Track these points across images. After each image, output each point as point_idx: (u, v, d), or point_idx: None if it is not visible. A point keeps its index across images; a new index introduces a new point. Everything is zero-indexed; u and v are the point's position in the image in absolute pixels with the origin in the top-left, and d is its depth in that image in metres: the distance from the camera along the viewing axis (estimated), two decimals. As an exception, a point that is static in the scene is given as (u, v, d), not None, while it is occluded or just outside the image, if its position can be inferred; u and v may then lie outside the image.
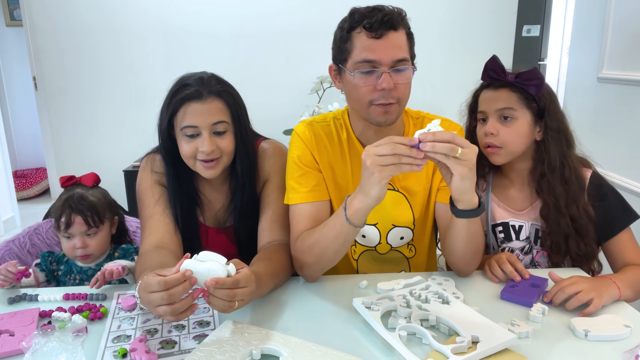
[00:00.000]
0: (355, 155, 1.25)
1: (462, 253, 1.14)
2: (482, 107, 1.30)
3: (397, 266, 1.33)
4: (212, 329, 0.98)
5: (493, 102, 1.27)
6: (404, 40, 1.12)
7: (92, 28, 3.28)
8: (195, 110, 1.15)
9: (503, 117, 1.25)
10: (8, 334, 0.97)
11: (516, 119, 1.25)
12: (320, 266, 1.16)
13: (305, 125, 1.27)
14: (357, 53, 1.11)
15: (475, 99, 1.34)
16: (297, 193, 1.21)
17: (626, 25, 2.17)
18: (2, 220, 3.72)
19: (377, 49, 1.09)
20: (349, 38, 1.12)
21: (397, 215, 1.27)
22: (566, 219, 1.25)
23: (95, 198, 1.32)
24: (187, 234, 1.28)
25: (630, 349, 0.89)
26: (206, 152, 1.16)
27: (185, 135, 1.17)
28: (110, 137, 3.43)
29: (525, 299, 1.08)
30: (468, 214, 1.03)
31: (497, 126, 1.25)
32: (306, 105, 3.05)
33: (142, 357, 0.87)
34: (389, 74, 1.09)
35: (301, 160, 1.23)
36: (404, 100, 1.16)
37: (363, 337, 0.96)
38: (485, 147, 1.28)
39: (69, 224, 1.27)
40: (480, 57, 1.39)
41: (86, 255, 1.29)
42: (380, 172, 0.93)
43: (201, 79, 1.18)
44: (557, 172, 1.26)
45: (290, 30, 3.25)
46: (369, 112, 1.15)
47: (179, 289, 0.85)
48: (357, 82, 1.12)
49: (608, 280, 1.11)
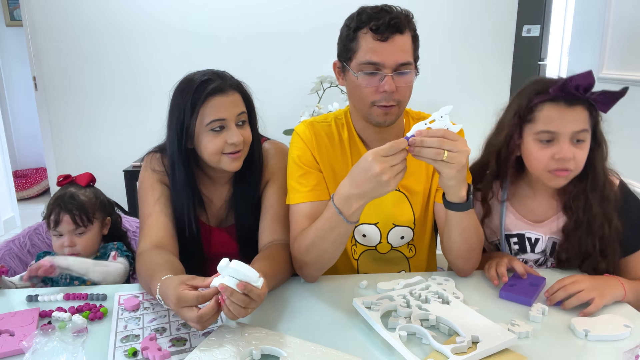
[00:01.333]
0: (356, 154, 1.26)
1: (457, 248, 1.15)
2: (551, 127, 1.11)
3: (397, 266, 1.33)
4: (220, 325, 0.99)
5: (568, 122, 1.10)
6: (409, 43, 1.13)
7: (92, 28, 3.27)
8: (221, 103, 1.17)
9: (577, 139, 1.11)
10: (8, 334, 0.97)
11: (587, 141, 1.13)
12: (319, 265, 1.16)
13: (305, 125, 1.28)
14: (362, 54, 1.12)
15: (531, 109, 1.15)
16: (297, 193, 1.21)
17: (626, 25, 2.17)
18: (2, 220, 3.72)
19: (382, 51, 1.10)
20: (355, 37, 1.13)
21: (397, 215, 1.27)
22: (595, 239, 1.18)
23: (86, 198, 1.32)
24: (189, 233, 1.28)
25: (630, 349, 0.89)
26: (236, 142, 1.17)
27: (212, 130, 1.18)
28: (111, 137, 3.43)
29: (524, 298, 1.08)
30: (456, 207, 1.06)
31: (573, 151, 1.11)
32: (306, 105, 3.05)
33: (155, 355, 0.87)
34: (391, 77, 1.10)
35: (301, 160, 1.23)
36: (404, 102, 1.17)
37: (363, 337, 0.96)
38: (553, 170, 1.13)
39: (57, 222, 1.28)
40: (480, 57, 1.39)
41: (74, 254, 1.29)
42: (396, 182, 0.96)
43: (217, 74, 1.21)
44: (598, 191, 1.16)
45: (291, 30, 3.24)
46: (370, 113, 1.16)
47: (208, 312, 0.88)
48: (360, 82, 1.13)
49: (614, 280, 1.10)
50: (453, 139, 0.95)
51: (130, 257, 1.35)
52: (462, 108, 3.29)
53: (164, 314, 1.05)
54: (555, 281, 1.11)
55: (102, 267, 1.24)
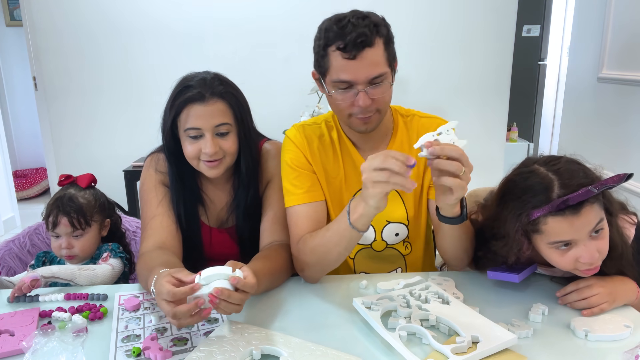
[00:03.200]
0: (347, 154, 1.27)
1: (452, 251, 1.17)
2: (564, 237, 1.00)
3: (393, 264, 1.33)
4: (220, 325, 0.99)
5: (581, 227, 0.98)
6: (380, 53, 1.09)
7: (92, 28, 3.28)
8: (197, 112, 1.15)
9: (595, 232, 1.00)
10: (8, 334, 0.97)
11: (605, 227, 1.02)
12: (322, 268, 1.17)
13: (296, 128, 1.29)
14: (334, 72, 1.10)
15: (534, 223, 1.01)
16: (293, 195, 1.22)
17: (626, 26, 2.17)
18: (2, 220, 3.72)
19: (352, 69, 1.08)
20: (325, 54, 1.11)
21: (390, 211, 1.27)
22: None
23: (85, 200, 1.32)
24: (190, 234, 1.29)
25: (630, 349, 0.89)
26: (209, 153, 1.16)
27: (189, 136, 1.18)
28: (111, 137, 3.43)
29: (510, 274, 1.08)
30: (451, 221, 1.04)
31: (597, 246, 1.00)
32: (306, 105, 3.06)
33: (157, 355, 0.88)
34: (365, 92, 1.09)
35: (294, 162, 1.24)
36: (383, 108, 1.16)
37: (363, 337, 0.96)
38: (581, 270, 1.03)
39: (55, 224, 1.28)
40: (480, 57, 1.39)
41: (71, 255, 1.29)
42: (373, 188, 0.93)
43: (204, 80, 1.18)
44: (615, 259, 1.07)
45: (291, 30, 3.25)
46: (350, 122, 1.17)
47: (184, 311, 0.87)
48: (336, 98, 1.13)
49: (630, 284, 1.07)
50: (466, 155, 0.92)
51: (124, 258, 1.34)
52: (462, 108, 3.30)
53: (164, 314, 1.05)
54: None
55: (89, 271, 1.22)
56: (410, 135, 1.27)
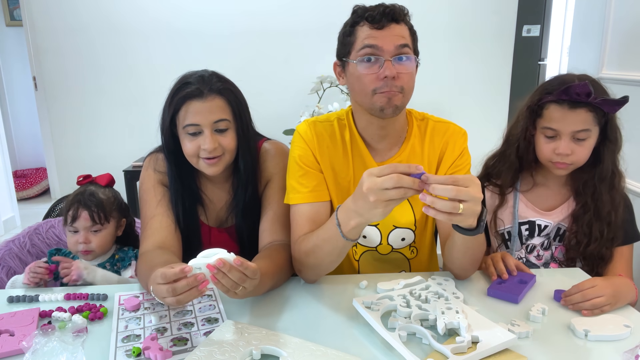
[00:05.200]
0: (357, 155, 1.25)
1: (460, 262, 1.14)
2: (554, 125, 1.23)
3: (398, 267, 1.33)
4: (220, 324, 0.99)
5: (569, 123, 1.21)
6: (406, 32, 1.14)
7: (92, 28, 3.28)
8: (196, 108, 1.16)
9: (577, 138, 1.22)
10: (8, 334, 0.97)
11: (589, 138, 1.23)
12: (319, 271, 1.17)
13: (307, 124, 1.27)
14: (360, 42, 1.13)
15: (540, 107, 1.27)
16: (297, 193, 1.21)
17: (626, 25, 2.17)
18: (2, 220, 3.71)
19: (379, 36, 1.11)
20: (352, 32, 1.15)
21: (398, 216, 1.27)
22: (602, 225, 1.27)
23: (105, 196, 1.34)
24: (189, 233, 1.29)
25: (630, 349, 0.89)
26: (208, 149, 1.17)
27: (188, 133, 1.18)
28: (111, 137, 3.43)
29: (511, 295, 1.08)
30: (466, 232, 0.97)
31: (571, 147, 1.22)
32: (306, 105, 3.05)
33: (157, 355, 0.88)
34: (391, 62, 1.10)
35: (302, 160, 1.23)
36: (407, 91, 1.15)
37: (363, 337, 0.96)
38: (554, 162, 1.26)
39: (75, 217, 1.29)
40: (480, 57, 1.40)
41: (88, 251, 1.30)
42: (385, 207, 0.90)
43: (202, 77, 1.19)
44: (607, 180, 1.27)
45: (290, 29, 3.25)
46: (373, 102, 1.13)
47: (183, 284, 0.88)
48: (360, 71, 1.12)
49: (630, 285, 1.11)
50: (465, 186, 0.86)
51: None
52: (462, 108, 3.29)
53: (165, 314, 1.05)
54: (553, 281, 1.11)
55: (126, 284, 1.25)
56: (423, 138, 1.26)
